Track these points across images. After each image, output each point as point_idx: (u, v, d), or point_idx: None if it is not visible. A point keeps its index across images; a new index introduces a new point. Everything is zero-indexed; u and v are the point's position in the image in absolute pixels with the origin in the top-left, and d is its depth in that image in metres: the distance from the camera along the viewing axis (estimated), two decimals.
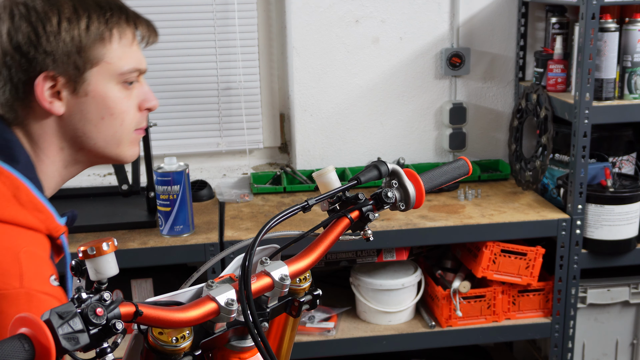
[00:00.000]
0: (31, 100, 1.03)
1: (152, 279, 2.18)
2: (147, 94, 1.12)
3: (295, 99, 2.50)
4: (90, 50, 1.03)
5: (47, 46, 1.01)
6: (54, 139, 1.07)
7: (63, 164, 1.09)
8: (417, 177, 1.03)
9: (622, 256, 2.20)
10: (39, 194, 1.02)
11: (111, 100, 1.06)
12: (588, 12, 2.02)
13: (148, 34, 1.11)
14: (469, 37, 2.53)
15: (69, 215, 1.10)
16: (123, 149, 1.11)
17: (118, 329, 0.70)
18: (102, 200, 2.32)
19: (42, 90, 1.02)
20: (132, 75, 1.08)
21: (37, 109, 1.04)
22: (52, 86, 1.03)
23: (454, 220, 2.14)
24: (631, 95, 2.15)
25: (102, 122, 1.07)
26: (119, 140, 1.10)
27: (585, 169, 2.13)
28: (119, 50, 1.06)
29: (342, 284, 2.43)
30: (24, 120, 1.05)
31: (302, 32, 2.44)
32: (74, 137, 1.07)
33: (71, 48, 1.02)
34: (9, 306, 0.90)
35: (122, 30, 1.06)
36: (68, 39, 1.01)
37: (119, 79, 1.07)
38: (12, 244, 0.94)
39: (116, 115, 1.07)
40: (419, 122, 2.58)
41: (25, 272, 0.92)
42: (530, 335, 2.26)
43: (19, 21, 1.01)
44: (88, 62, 1.03)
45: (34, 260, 0.95)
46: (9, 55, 1.01)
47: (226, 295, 0.80)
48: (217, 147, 2.55)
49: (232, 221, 2.17)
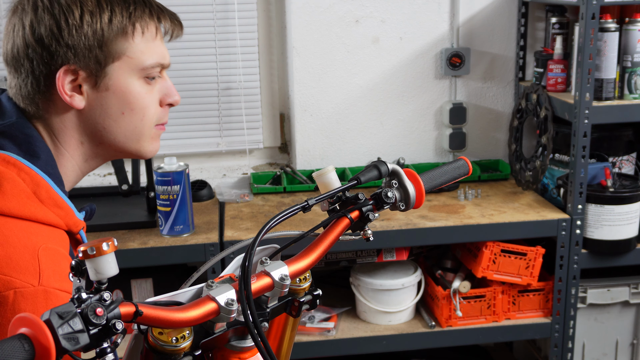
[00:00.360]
0: (52, 94, 1.03)
1: (152, 279, 2.18)
2: (170, 89, 1.11)
3: (295, 99, 2.50)
4: (112, 44, 1.02)
5: (69, 39, 1.00)
6: (74, 132, 1.07)
7: (83, 157, 1.09)
8: (417, 177, 1.03)
9: (622, 256, 2.20)
10: (58, 190, 1.02)
11: (132, 95, 1.06)
12: (588, 12, 2.02)
13: (172, 28, 1.10)
14: (469, 37, 2.53)
15: (87, 210, 1.10)
16: (143, 144, 1.10)
17: (118, 329, 0.70)
18: (102, 200, 2.32)
19: (63, 83, 1.02)
20: (155, 70, 1.08)
21: (58, 102, 1.04)
22: (73, 80, 1.03)
23: (454, 220, 2.14)
24: (631, 95, 2.15)
25: (122, 117, 1.06)
26: (139, 135, 1.09)
27: (585, 169, 2.13)
28: (141, 44, 1.05)
29: (342, 284, 2.43)
30: (45, 113, 1.05)
31: (302, 32, 2.44)
32: (94, 132, 1.07)
33: (93, 42, 1.01)
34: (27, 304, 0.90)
35: (146, 24, 1.05)
36: (90, 33, 1.01)
37: (140, 73, 1.06)
38: (32, 241, 0.94)
39: (137, 110, 1.07)
40: (419, 122, 2.58)
41: (43, 270, 0.92)
42: (530, 335, 2.26)
43: (42, 13, 1.00)
44: (109, 56, 1.03)
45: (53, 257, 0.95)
46: (30, 47, 1.01)
47: (226, 295, 0.80)
48: (217, 147, 2.55)
49: (232, 221, 2.17)
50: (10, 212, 0.95)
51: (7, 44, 1.04)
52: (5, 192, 0.96)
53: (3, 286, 0.89)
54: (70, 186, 1.10)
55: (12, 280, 0.90)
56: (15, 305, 0.89)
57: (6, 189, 0.96)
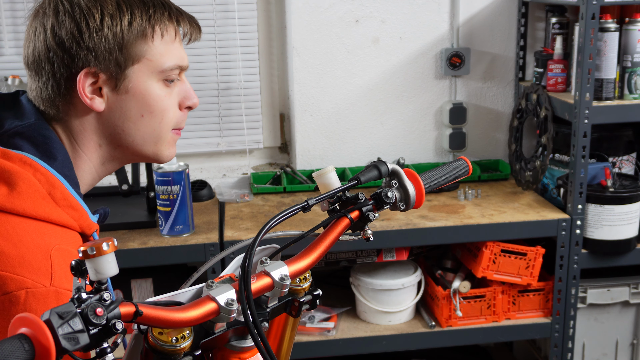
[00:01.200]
0: (72, 97, 1.04)
1: (152, 279, 2.18)
2: (188, 91, 1.12)
3: (295, 99, 2.50)
4: (132, 47, 1.03)
5: (90, 42, 1.01)
6: (92, 135, 1.07)
7: (100, 160, 1.10)
8: (417, 177, 1.03)
9: (622, 256, 2.20)
10: (73, 192, 1.02)
11: (152, 97, 1.06)
12: (588, 12, 2.02)
13: (191, 31, 1.12)
14: (469, 37, 2.53)
15: (100, 213, 1.11)
16: (161, 148, 1.11)
17: (118, 329, 0.70)
18: (102, 200, 2.32)
19: (84, 86, 1.02)
20: (174, 72, 1.08)
21: (78, 105, 1.05)
22: (93, 82, 1.03)
23: (454, 220, 2.14)
24: (631, 95, 2.15)
25: (141, 120, 1.07)
26: (157, 139, 1.09)
27: (585, 169, 2.13)
28: (161, 47, 1.06)
29: (342, 284, 2.43)
30: (65, 116, 1.06)
31: (302, 32, 2.44)
32: (112, 134, 1.07)
33: (113, 45, 1.02)
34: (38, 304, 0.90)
35: (165, 27, 1.06)
36: (110, 36, 1.02)
37: (160, 76, 1.07)
38: (45, 242, 0.95)
39: (156, 113, 1.07)
40: (419, 122, 2.58)
41: (55, 271, 0.93)
42: (530, 335, 2.26)
43: (63, 17, 1.01)
44: (129, 59, 1.04)
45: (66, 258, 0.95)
46: (52, 50, 1.02)
47: (226, 295, 0.80)
48: (217, 147, 2.55)
49: (232, 221, 2.17)
50: (25, 212, 0.96)
51: (28, 48, 1.05)
52: (20, 192, 0.96)
53: (15, 286, 0.90)
54: (87, 189, 1.11)
55: (24, 280, 0.90)
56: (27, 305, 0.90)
57: (22, 189, 0.96)
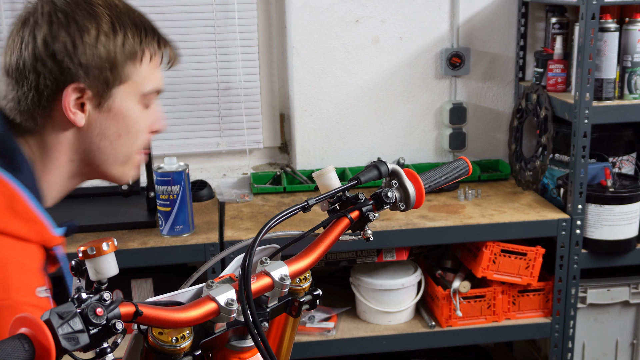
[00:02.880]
0: (52, 110, 1.03)
1: (152, 279, 2.18)
2: (159, 115, 1.13)
3: (295, 99, 2.50)
4: (121, 67, 1.04)
5: (82, 58, 1.01)
6: (66, 150, 1.07)
7: (68, 175, 1.09)
8: (417, 177, 1.03)
9: (622, 256, 2.20)
10: (36, 205, 1.01)
11: (131, 119, 1.07)
12: (588, 12, 2.02)
13: (174, 58, 1.12)
14: (469, 37, 2.53)
15: (67, 226, 1.09)
16: (127, 169, 1.12)
17: (118, 329, 0.70)
18: (102, 200, 2.32)
19: (69, 100, 1.02)
20: (152, 96, 1.10)
21: (56, 118, 1.04)
22: (78, 98, 1.03)
23: (454, 220, 2.14)
24: (631, 95, 2.15)
25: (118, 140, 1.07)
26: (127, 159, 1.10)
27: (585, 169, 2.13)
28: (146, 70, 1.07)
29: (342, 284, 2.43)
30: (41, 129, 1.04)
31: (302, 32, 2.44)
32: (86, 151, 1.07)
33: (105, 62, 1.02)
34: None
35: (154, 51, 1.07)
36: (104, 54, 1.02)
37: (141, 99, 1.08)
38: (1, 255, 0.94)
39: (132, 134, 1.08)
40: (419, 122, 2.58)
41: (12, 284, 0.92)
42: (530, 335, 2.26)
43: (57, 29, 1.00)
44: (117, 79, 1.04)
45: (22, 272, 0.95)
46: (40, 62, 1.00)
47: (226, 295, 0.80)
48: (217, 147, 2.55)
49: (232, 221, 2.17)
50: None
51: (11, 55, 1.03)
52: None
53: None
54: (52, 202, 1.10)
55: None
56: None
57: None
